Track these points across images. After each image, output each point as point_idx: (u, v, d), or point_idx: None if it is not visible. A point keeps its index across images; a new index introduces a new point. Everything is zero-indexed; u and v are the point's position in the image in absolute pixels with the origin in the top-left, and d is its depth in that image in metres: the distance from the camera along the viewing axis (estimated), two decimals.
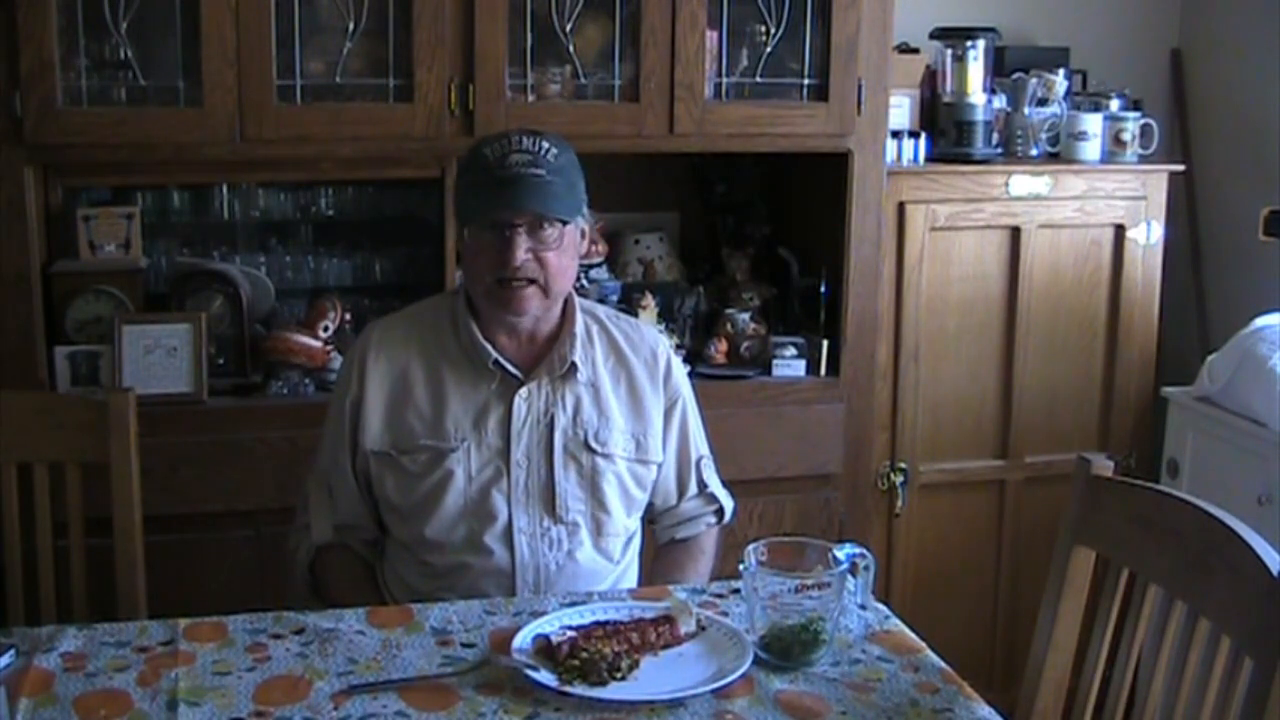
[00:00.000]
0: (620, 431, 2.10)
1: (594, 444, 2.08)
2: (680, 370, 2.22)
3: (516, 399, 2.05)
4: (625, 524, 2.14)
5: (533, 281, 1.99)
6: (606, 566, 2.10)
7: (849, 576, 1.78)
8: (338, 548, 2.13)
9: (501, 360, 2.05)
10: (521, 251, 1.97)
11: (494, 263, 1.98)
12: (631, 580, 2.17)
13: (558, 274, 2.01)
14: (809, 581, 1.72)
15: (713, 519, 2.26)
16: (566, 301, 2.11)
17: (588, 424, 2.08)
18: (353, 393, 2.09)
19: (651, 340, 2.20)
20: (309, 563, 2.13)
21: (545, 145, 2.00)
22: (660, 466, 2.16)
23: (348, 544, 2.14)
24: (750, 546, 1.76)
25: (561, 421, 2.06)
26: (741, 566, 1.75)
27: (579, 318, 2.11)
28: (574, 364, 2.07)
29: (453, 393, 2.07)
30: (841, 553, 1.76)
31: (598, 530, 2.09)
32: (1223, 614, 1.58)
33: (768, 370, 2.98)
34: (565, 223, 2.00)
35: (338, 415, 2.12)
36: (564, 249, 2.01)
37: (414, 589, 2.07)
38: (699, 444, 2.23)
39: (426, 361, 2.09)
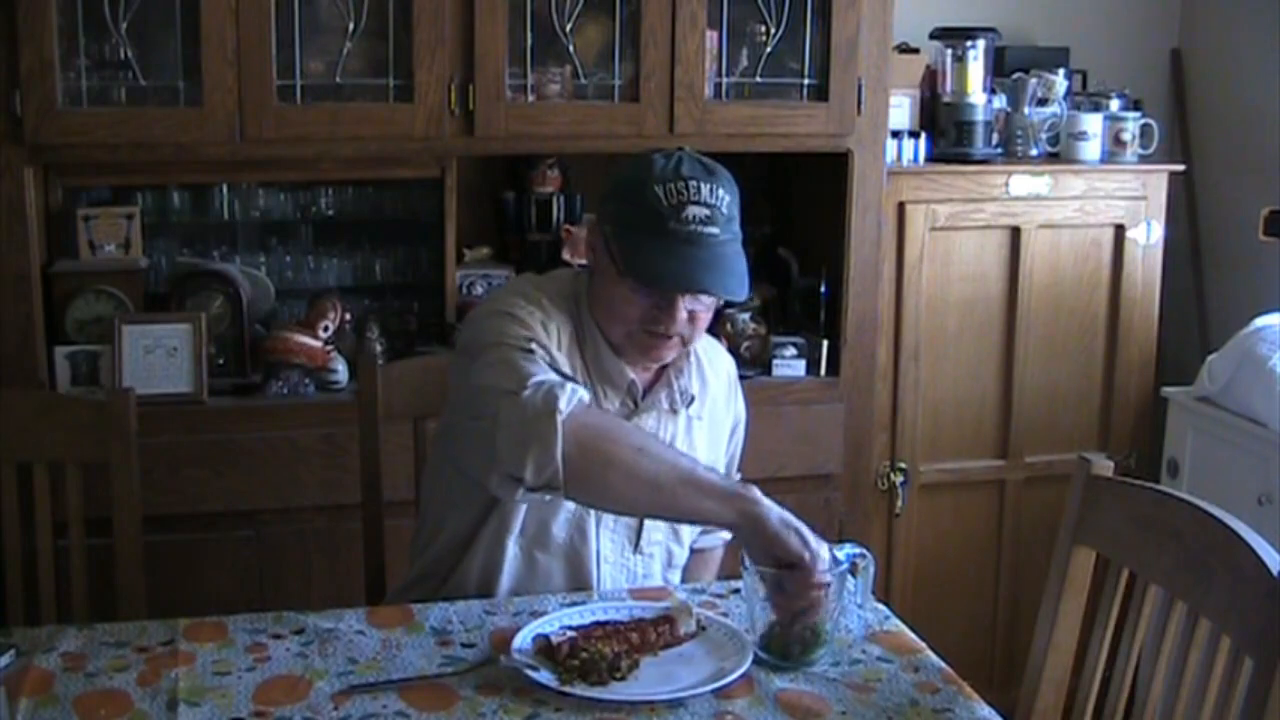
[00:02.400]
0: (706, 460, 2.00)
1: None
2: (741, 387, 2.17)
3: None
4: (686, 552, 2.11)
5: (680, 336, 1.90)
6: None
7: (849, 576, 1.77)
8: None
9: (637, 383, 1.95)
10: (681, 317, 1.87)
11: (646, 318, 1.87)
12: None
13: (701, 330, 1.93)
14: None
15: (730, 533, 2.23)
16: None
17: None
18: (541, 338, 1.86)
19: (727, 361, 2.15)
20: (564, 428, 1.72)
21: (720, 192, 1.86)
22: None
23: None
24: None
25: None
26: (742, 567, 1.75)
27: (692, 346, 2.00)
28: (694, 398, 2.00)
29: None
30: (841, 553, 1.76)
31: (669, 562, 2.06)
32: (1223, 614, 1.58)
33: (768, 370, 2.98)
34: None
35: (527, 339, 1.84)
36: (729, 299, 1.90)
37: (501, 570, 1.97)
38: (740, 460, 2.20)
39: (571, 360, 1.93)
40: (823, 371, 3.00)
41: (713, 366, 2.09)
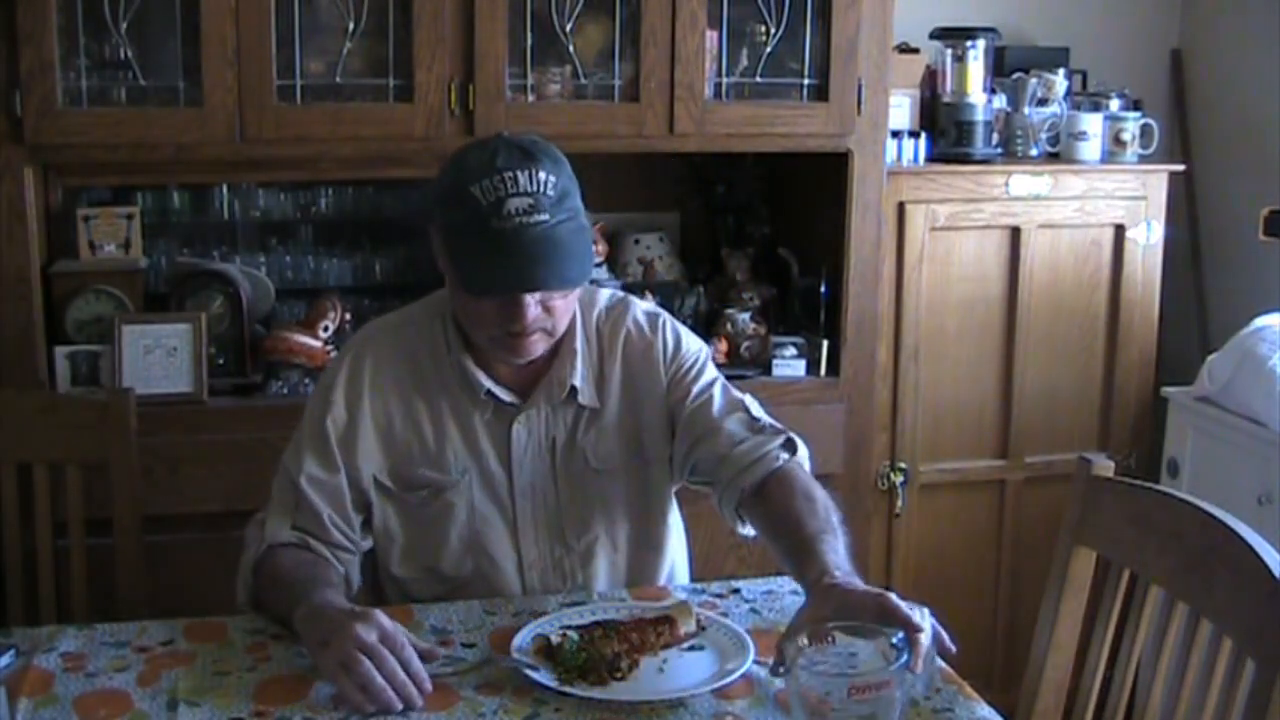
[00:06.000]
0: (618, 440, 1.96)
1: (595, 462, 1.95)
2: (684, 337, 2.01)
3: (515, 427, 1.91)
4: (647, 531, 2.01)
5: (541, 329, 1.83)
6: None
7: (905, 657, 1.45)
8: (295, 547, 1.86)
9: (495, 390, 1.91)
10: (531, 311, 1.79)
11: (498, 320, 1.81)
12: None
13: (564, 315, 1.86)
14: (863, 682, 1.41)
15: (781, 453, 1.93)
16: None
17: (587, 443, 1.94)
18: (338, 414, 1.91)
19: (628, 327, 1.99)
20: (255, 563, 1.85)
21: (541, 176, 1.76)
22: (672, 455, 1.98)
23: (309, 546, 1.87)
24: (786, 643, 1.50)
25: (560, 444, 1.94)
26: (779, 667, 1.53)
27: (578, 333, 1.94)
28: (574, 388, 1.92)
29: (450, 420, 1.92)
30: (893, 640, 1.46)
31: (613, 547, 1.99)
32: (1224, 615, 1.58)
33: (768, 370, 2.98)
34: None
35: (318, 431, 1.91)
36: (573, 290, 1.84)
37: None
38: (728, 392, 2.00)
39: (422, 385, 1.92)
40: (823, 371, 3.00)
41: (614, 347, 1.97)
